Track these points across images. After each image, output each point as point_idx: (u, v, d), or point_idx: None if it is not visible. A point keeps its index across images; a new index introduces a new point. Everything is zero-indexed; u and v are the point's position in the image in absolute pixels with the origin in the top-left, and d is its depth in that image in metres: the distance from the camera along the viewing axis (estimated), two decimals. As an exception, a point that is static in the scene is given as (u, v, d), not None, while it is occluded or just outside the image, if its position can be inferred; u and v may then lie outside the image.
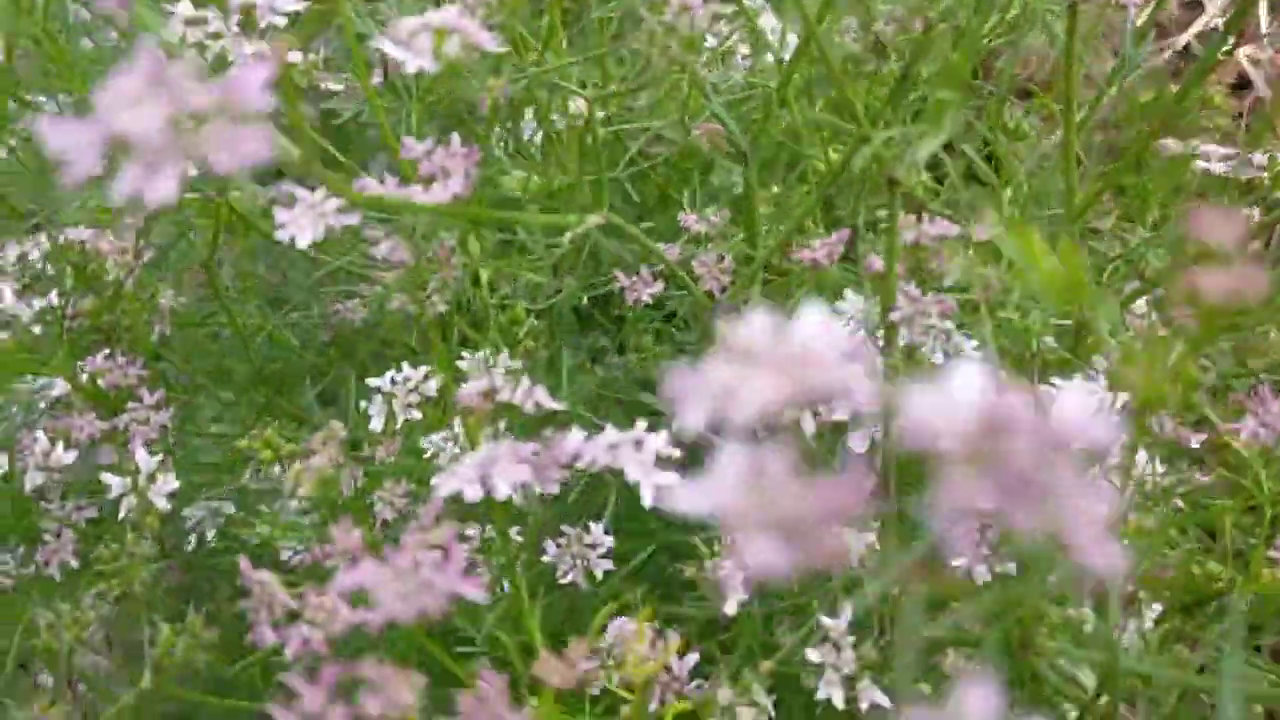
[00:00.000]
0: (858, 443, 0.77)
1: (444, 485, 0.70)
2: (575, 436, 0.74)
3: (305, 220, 0.76)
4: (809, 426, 0.60)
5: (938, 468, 0.32)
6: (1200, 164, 1.21)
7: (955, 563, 0.62)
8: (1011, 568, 0.82)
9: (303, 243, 0.75)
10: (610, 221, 0.91)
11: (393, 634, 0.87)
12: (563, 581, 1.04)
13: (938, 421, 0.32)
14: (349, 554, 0.57)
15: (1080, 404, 0.32)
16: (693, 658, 0.85)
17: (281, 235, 0.76)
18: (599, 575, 1.04)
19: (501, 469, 0.71)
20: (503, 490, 0.70)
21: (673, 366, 0.37)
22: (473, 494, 0.70)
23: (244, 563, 0.70)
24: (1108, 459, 0.45)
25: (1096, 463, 0.34)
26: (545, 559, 1.03)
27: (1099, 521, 0.31)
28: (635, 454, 0.73)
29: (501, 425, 0.80)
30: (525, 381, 0.79)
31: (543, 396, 0.79)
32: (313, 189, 0.77)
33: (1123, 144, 1.42)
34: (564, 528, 1.06)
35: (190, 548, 1.26)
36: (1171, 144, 1.22)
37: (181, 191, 0.40)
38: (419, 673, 0.56)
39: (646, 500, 0.72)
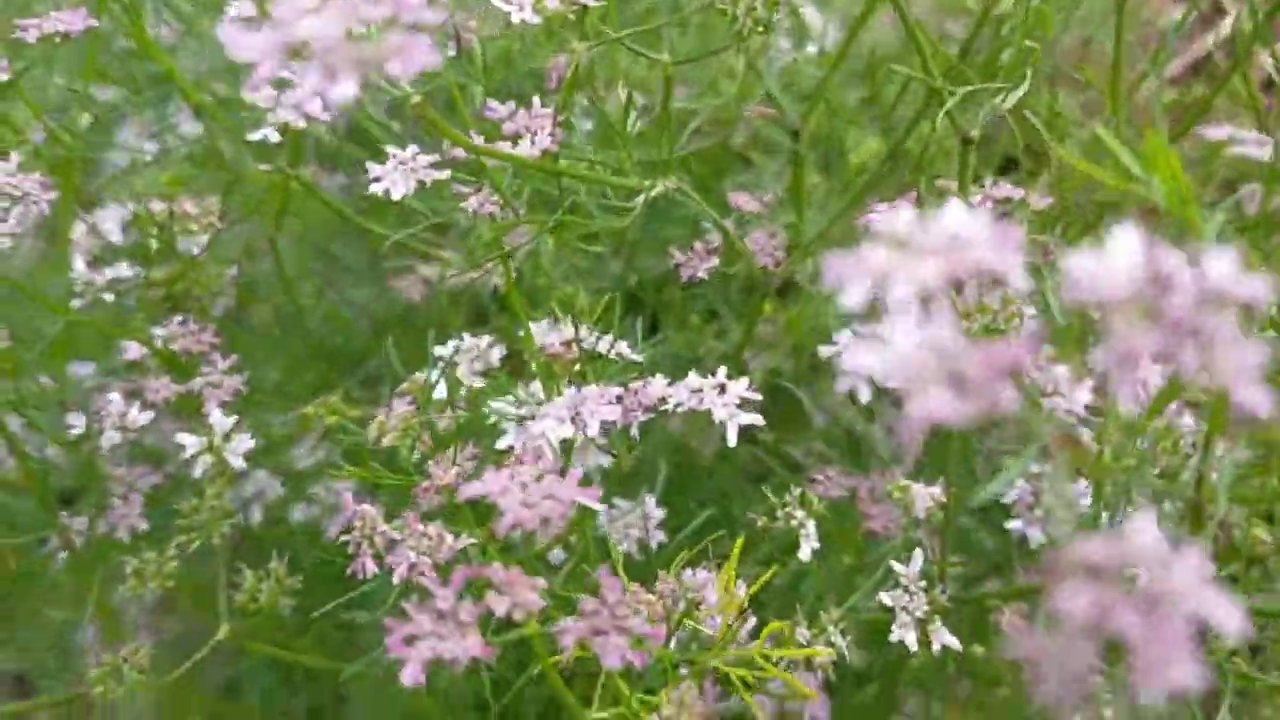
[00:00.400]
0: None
1: (537, 424, 0.73)
2: (659, 381, 0.77)
3: (398, 175, 0.80)
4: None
5: (1104, 320, 0.34)
6: (1236, 149, 1.25)
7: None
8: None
9: (396, 195, 0.79)
10: (670, 193, 0.94)
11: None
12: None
13: (1104, 278, 0.34)
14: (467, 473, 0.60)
15: (1229, 266, 0.34)
16: (753, 620, 0.87)
17: (376, 189, 0.79)
18: (653, 546, 1.06)
19: (591, 409, 0.74)
20: (593, 427, 0.73)
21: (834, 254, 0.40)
22: (564, 431, 0.73)
23: (347, 495, 0.73)
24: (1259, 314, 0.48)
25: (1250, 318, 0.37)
26: (600, 529, 1.06)
27: (1254, 368, 0.33)
28: (719, 397, 0.76)
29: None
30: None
31: (625, 348, 0.82)
32: (404, 147, 0.80)
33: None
34: (617, 500, 1.09)
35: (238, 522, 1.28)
36: (1211, 131, 1.25)
37: (360, 94, 0.43)
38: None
39: (731, 439, 0.75)
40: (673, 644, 0.82)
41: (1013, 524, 0.95)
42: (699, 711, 0.66)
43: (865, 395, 0.96)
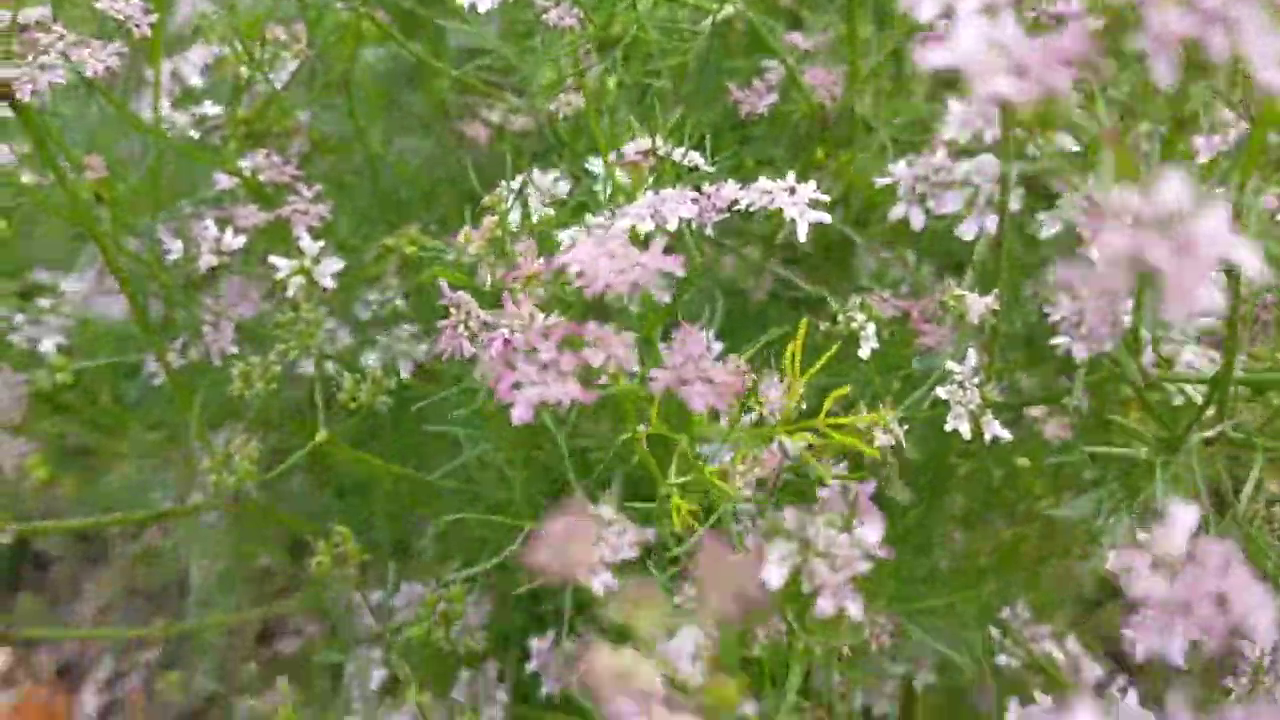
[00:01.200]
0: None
1: (621, 220, 0.79)
2: (732, 185, 0.82)
3: (484, -11, 0.85)
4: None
5: (1143, 7, 0.39)
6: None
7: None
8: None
9: (482, 9, 0.84)
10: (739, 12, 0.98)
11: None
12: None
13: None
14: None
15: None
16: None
17: (463, 2, 0.84)
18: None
19: (671, 207, 0.79)
20: (672, 223, 0.78)
21: None
22: (646, 227, 0.78)
23: (443, 284, 0.80)
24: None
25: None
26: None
27: (1277, 53, 0.38)
28: (789, 198, 0.81)
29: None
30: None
31: (697, 158, 0.87)
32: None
33: None
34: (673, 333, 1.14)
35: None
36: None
37: None
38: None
39: (801, 235, 0.80)
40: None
41: (1058, 340, 1.00)
42: (771, 465, 0.72)
43: (918, 221, 1.00)
